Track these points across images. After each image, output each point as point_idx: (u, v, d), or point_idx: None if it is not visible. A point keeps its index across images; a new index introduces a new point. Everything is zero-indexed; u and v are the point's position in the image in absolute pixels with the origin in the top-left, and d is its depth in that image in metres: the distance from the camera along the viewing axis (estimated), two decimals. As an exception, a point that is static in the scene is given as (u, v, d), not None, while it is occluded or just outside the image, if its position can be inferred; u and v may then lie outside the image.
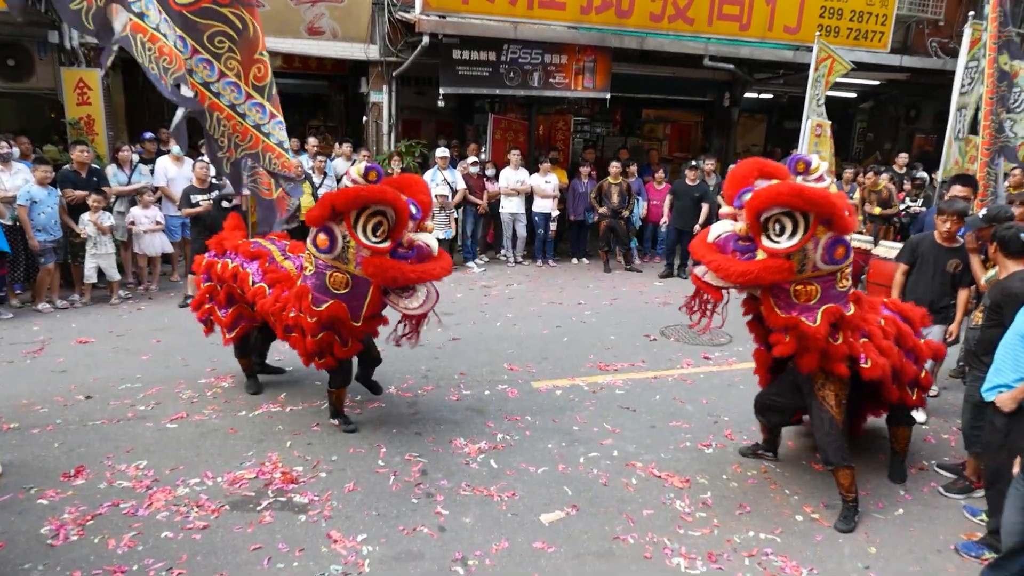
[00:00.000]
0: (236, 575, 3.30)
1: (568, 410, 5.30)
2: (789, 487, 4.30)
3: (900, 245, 5.99)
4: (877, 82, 13.41)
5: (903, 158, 11.43)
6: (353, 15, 9.86)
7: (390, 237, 4.03)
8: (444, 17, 9.43)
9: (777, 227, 3.46)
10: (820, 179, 3.55)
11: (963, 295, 5.10)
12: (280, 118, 4.20)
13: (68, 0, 3.63)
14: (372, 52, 10.12)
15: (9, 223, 7.16)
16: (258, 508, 3.85)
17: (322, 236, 4.10)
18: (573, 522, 3.85)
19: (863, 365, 3.79)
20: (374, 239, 4.01)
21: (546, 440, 4.79)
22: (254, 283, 4.70)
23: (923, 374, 4.32)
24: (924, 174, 10.84)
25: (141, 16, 3.82)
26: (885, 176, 9.81)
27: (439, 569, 3.41)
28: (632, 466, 4.48)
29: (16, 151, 7.90)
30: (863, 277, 8.47)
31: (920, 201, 9.65)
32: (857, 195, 9.85)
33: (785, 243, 3.45)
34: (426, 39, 9.44)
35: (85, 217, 7.57)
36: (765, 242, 3.49)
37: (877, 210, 9.45)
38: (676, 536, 3.74)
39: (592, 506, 4.00)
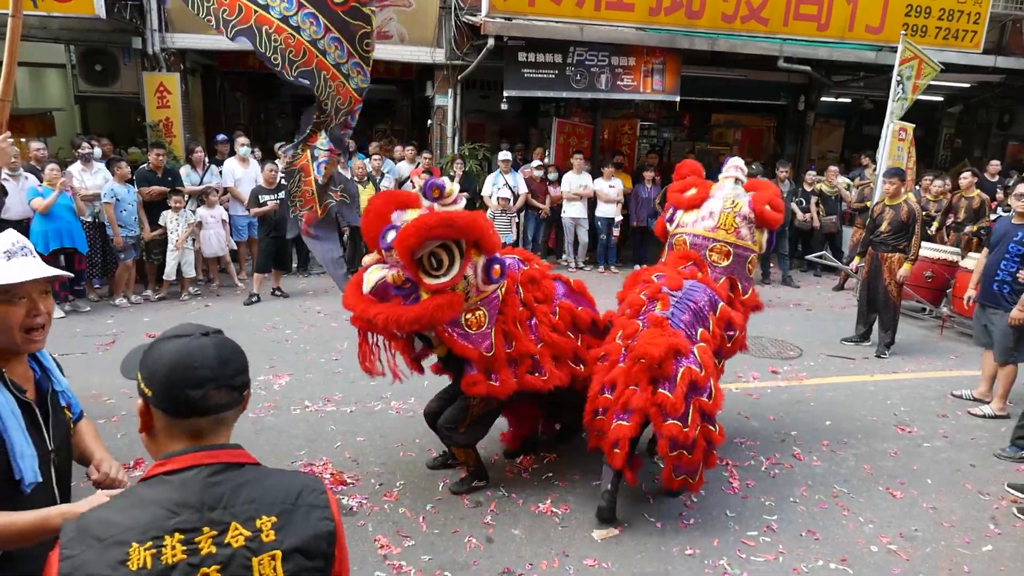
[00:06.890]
0: (281, 576, 3.27)
1: (626, 421, 5.10)
2: (863, 514, 4.00)
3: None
4: (967, 85, 12.62)
5: (995, 165, 10.68)
6: (420, 19, 9.93)
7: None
8: (510, 20, 9.38)
9: (433, 261, 3.35)
10: (455, 202, 3.50)
11: None
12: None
13: None
14: (438, 56, 10.16)
15: (89, 219, 7.48)
16: (307, 508, 3.82)
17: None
18: (627, 540, 3.67)
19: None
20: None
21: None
22: None
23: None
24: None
25: (266, 8, 3.84)
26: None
27: (485, 582, 3.30)
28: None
29: (98, 151, 8.28)
30: (948, 291, 7.94)
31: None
32: (931, 203, 9.16)
33: (445, 276, 3.36)
34: (491, 42, 9.40)
35: (166, 215, 7.86)
36: (428, 280, 3.36)
37: (971, 228, 8.77)
38: (737, 561, 3.52)
39: (647, 524, 3.82)
